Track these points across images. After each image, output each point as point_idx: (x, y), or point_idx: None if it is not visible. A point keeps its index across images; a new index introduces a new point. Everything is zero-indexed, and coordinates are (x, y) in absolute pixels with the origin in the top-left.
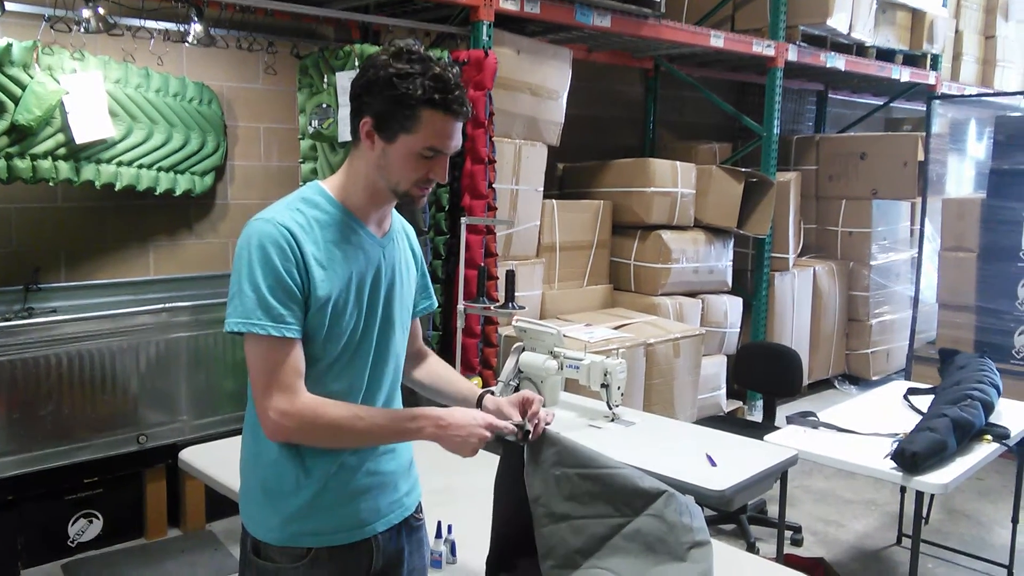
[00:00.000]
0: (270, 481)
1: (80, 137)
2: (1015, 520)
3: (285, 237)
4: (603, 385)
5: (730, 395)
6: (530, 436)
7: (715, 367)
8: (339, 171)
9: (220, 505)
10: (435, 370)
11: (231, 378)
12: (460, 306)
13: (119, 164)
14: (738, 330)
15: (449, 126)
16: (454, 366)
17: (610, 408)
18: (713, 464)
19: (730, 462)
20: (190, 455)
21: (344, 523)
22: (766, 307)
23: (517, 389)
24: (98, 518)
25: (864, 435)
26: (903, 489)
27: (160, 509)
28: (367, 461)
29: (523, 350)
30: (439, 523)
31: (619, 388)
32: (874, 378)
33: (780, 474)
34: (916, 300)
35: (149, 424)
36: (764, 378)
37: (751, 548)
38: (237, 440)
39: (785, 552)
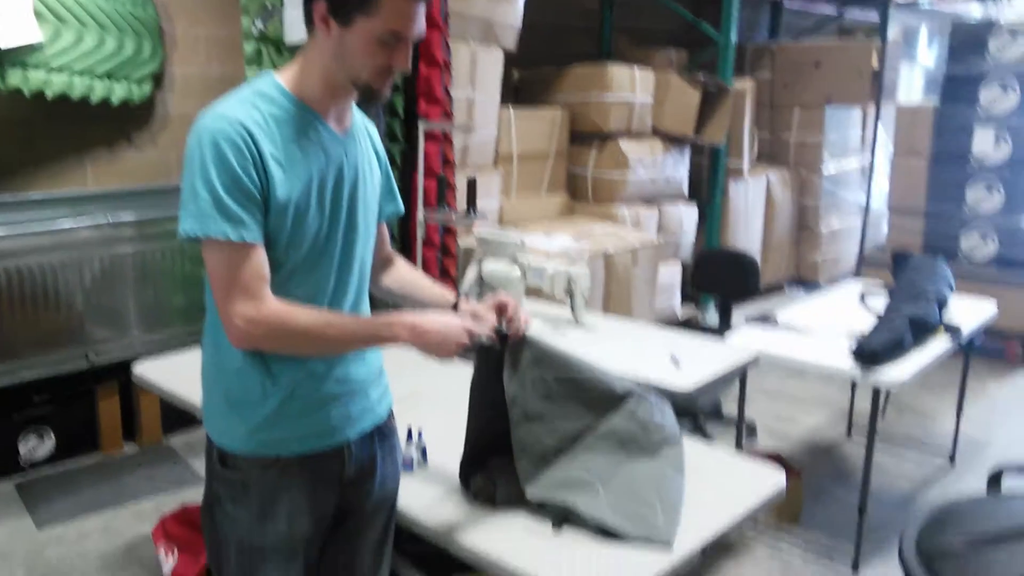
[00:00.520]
0: (235, 390)
1: (3, 42)
2: (959, 411)
3: (241, 135)
4: (567, 292)
5: (684, 301)
6: (508, 340)
7: (671, 275)
8: (293, 62)
9: (177, 419)
10: (405, 276)
11: (181, 293)
12: (420, 215)
13: (49, 70)
14: (693, 238)
15: (411, 7)
16: None
17: (574, 315)
18: (677, 365)
19: (694, 363)
20: (144, 369)
21: (313, 430)
22: (720, 215)
23: (479, 300)
24: (50, 435)
25: (822, 334)
26: (853, 386)
27: (114, 425)
28: (335, 368)
29: (484, 259)
30: (409, 428)
31: (583, 295)
32: (823, 283)
33: (741, 373)
34: (868, 205)
35: (98, 341)
36: (722, 282)
37: (704, 434)
38: (192, 354)
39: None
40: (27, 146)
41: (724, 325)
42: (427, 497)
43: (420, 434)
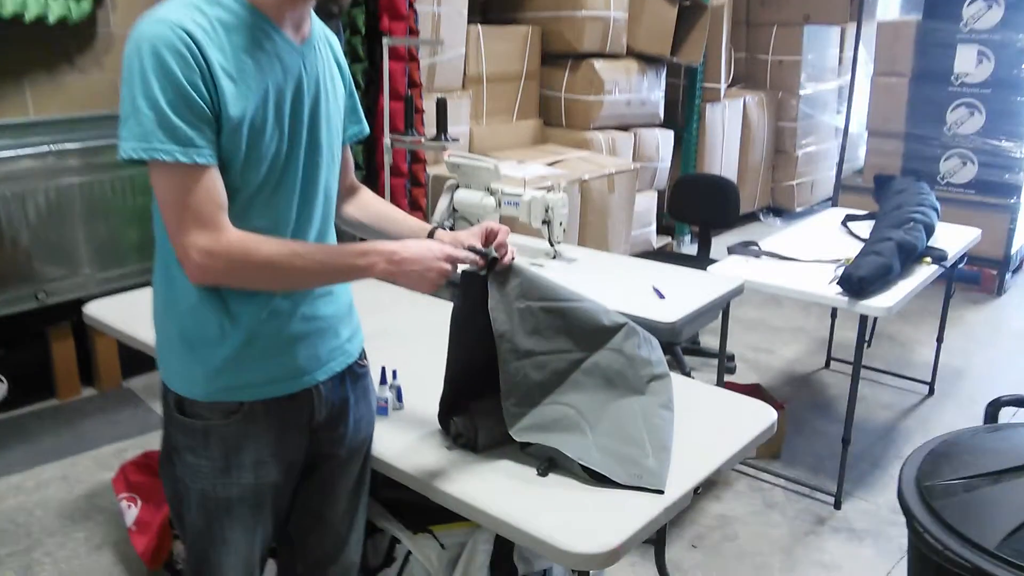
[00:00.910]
0: (190, 330)
1: None
2: (939, 339)
3: (185, 42)
4: (544, 222)
5: (659, 231)
6: (496, 265)
7: (647, 202)
8: None
9: (136, 361)
10: (373, 206)
11: (136, 227)
12: (387, 140)
13: None
14: (669, 164)
15: None
16: None
17: (552, 245)
18: (661, 296)
19: (677, 294)
20: (96, 309)
21: (279, 373)
22: (696, 140)
23: (452, 231)
24: (2, 381)
25: (806, 262)
26: (833, 315)
27: (70, 368)
28: (301, 305)
29: (456, 187)
30: (383, 368)
31: (561, 224)
32: (798, 209)
33: (725, 304)
34: (847, 127)
35: (47, 279)
36: (701, 210)
37: (682, 368)
38: (148, 291)
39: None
40: None
41: (703, 255)
42: (404, 441)
43: (395, 374)
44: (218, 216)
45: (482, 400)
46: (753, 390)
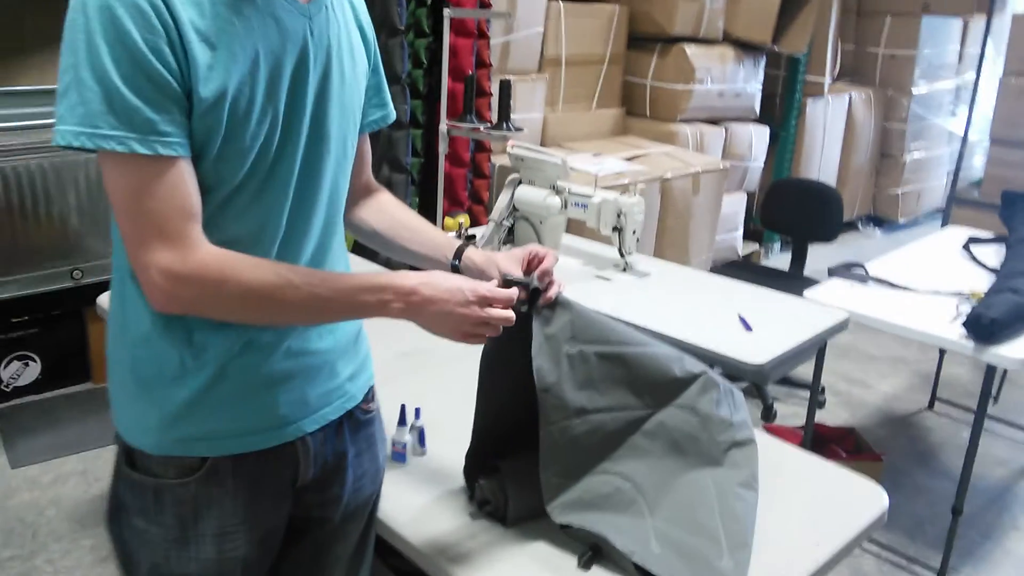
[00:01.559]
0: (143, 363)
1: None
2: None
3: None
4: (615, 229)
5: (745, 236)
6: (540, 300)
7: (734, 205)
8: None
9: None
10: (391, 212)
11: None
12: (443, 126)
13: None
14: (762, 164)
15: None
16: (435, 201)
17: (622, 256)
18: (748, 328)
19: (767, 325)
20: (106, 299)
21: (254, 422)
22: (794, 138)
23: (511, 231)
24: (35, 360)
25: (923, 293)
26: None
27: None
28: (288, 337)
29: (519, 183)
30: (403, 407)
31: (634, 232)
32: (901, 221)
33: (824, 342)
34: (966, 131)
35: (86, 257)
36: (797, 219)
37: (767, 411)
38: None
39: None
40: (12, 34)
41: (796, 271)
42: (419, 501)
43: (417, 413)
44: (188, 227)
45: (516, 459)
46: (844, 435)
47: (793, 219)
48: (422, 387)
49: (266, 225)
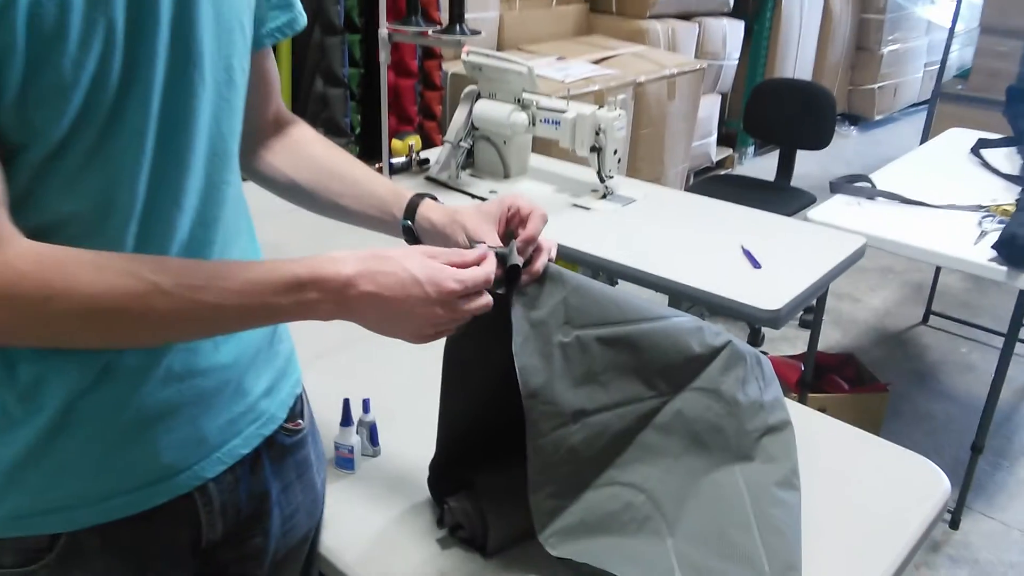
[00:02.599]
0: None
1: None
2: None
3: None
4: (594, 148)
5: (718, 141)
6: (521, 278)
7: (708, 108)
8: None
9: None
10: (313, 155)
11: None
12: (383, 31)
13: None
14: (736, 62)
15: None
16: (380, 120)
17: (602, 180)
18: (755, 264)
19: (776, 258)
20: None
21: (125, 479)
22: (770, 33)
23: (471, 154)
24: None
25: (939, 207)
26: None
27: None
28: (167, 355)
29: (478, 96)
30: (346, 402)
31: (616, 152)
32: (877, 117)
33: (839, 273)
34: (955, 19)
35: None
36: (785, 124)
37: (755, 334)
38: None
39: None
40: None
41: (783, 180)
42: (374, 524)
43: (366, 405)
44: None
45: (494, 471)
46: (845, 362)
47: (781, 124)
48: (369, 371)
49: (113, 198)
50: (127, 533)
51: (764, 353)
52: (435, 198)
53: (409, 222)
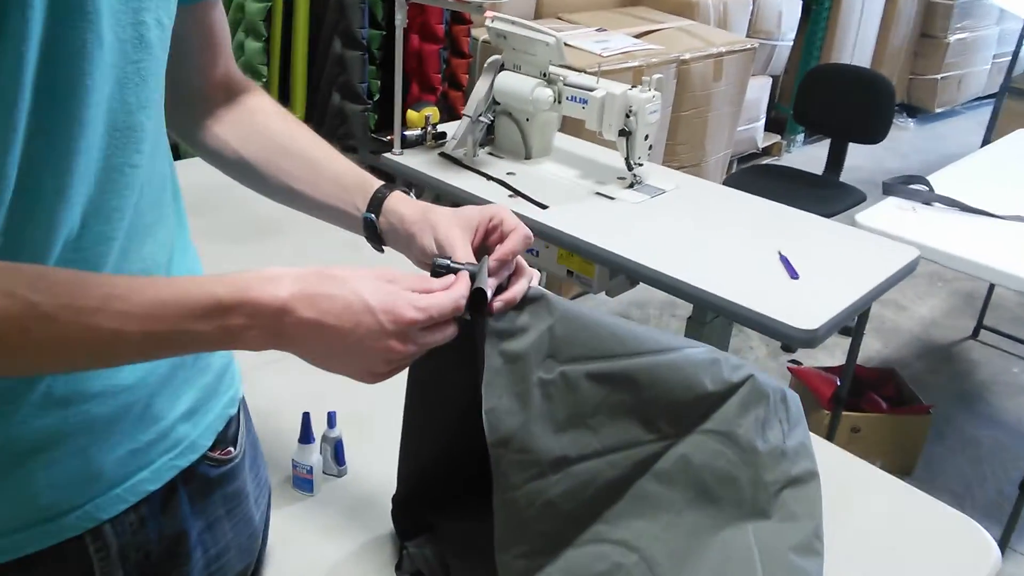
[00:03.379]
0: None
1: None
2: None
3: None
4: (622, 132)
5: (766, 126)
6: (487, 304)
7: (757, 91)
8: None
9: None
10: (266, 128)
11: None
12: None
13: None
14: (791, 43)
15: None
16: (406, 84)
17: (630, 167)
18: (793, 274)
19: (816, 267)
20: None
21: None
22: (829, 13)
23: (491, 130)
24: None
25: (1003, 218)
26: None
27: None
28: (46, 376)
29: (501, 67)
30: (306, 416)
31: (647, 137)
32: (938, 110)
33: (887, 289)
34: None
35: None
36: (838, 114)
37: (787, 349)
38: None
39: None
40: None
41: (832, 174)
42: (324, 561)
43: (331, 418)
44: None
45: (460, 515)
46: (885, 378)
47: (834, 113)
48: (337, 378)
49: None
50: None
51: (796, 363)
52: (407, 190)
53: (372, 216)
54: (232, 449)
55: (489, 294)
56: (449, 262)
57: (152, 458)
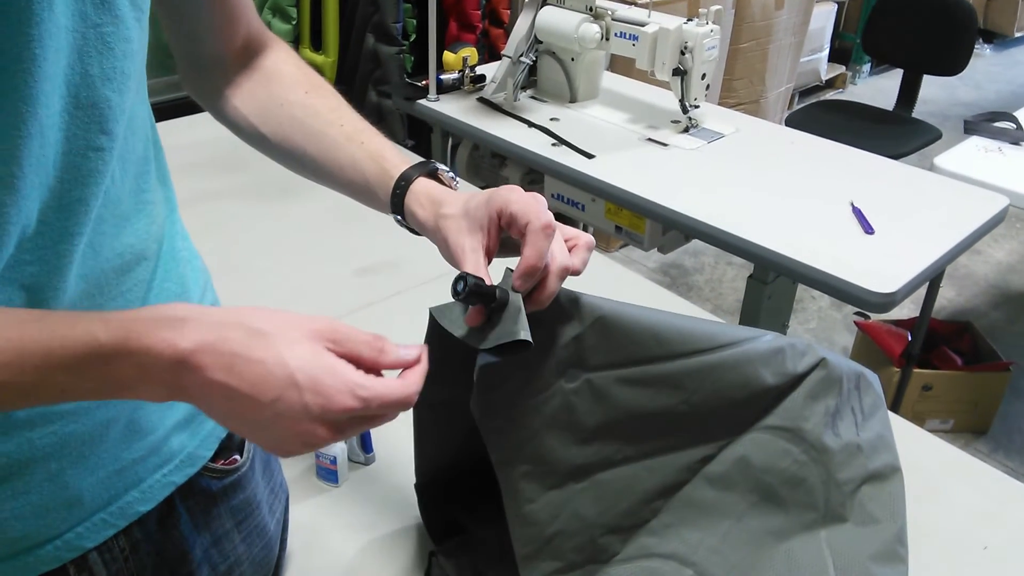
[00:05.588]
0: None
1: None
2: None
3: None
4: (677, 71)
5: (830, 56)
6: (503, 306)
7: (821, 20)
8: None
9: None
10: (286, 100)
11: None
12: None
13: None
14: None
15: None
16: (443, 22)
17: (685, 110)
18: (867, 228)
19: (892, 219)
20: None
21: None
22: None
23: (532, 71)
24: None
25: None
26: None
27: None
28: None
29: (544, 2)
30: None
31: (704, 77)
32: (1017, 34)
33: (971, 243)
34: None
35: None
36: (912, 44)
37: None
38: None
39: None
40: None
41: (904, 109)
42: (347, 560)
43: None
44: None
45: (490, 520)
46: (960, 331)
47: (906, 42)
48: None
49: None
50: None
51: (863, 316)
52: (435, 170)
53: (399, 216)
54: (238, 457)
55: (529, 336)
56: (477, 283)
57: (141, 476)
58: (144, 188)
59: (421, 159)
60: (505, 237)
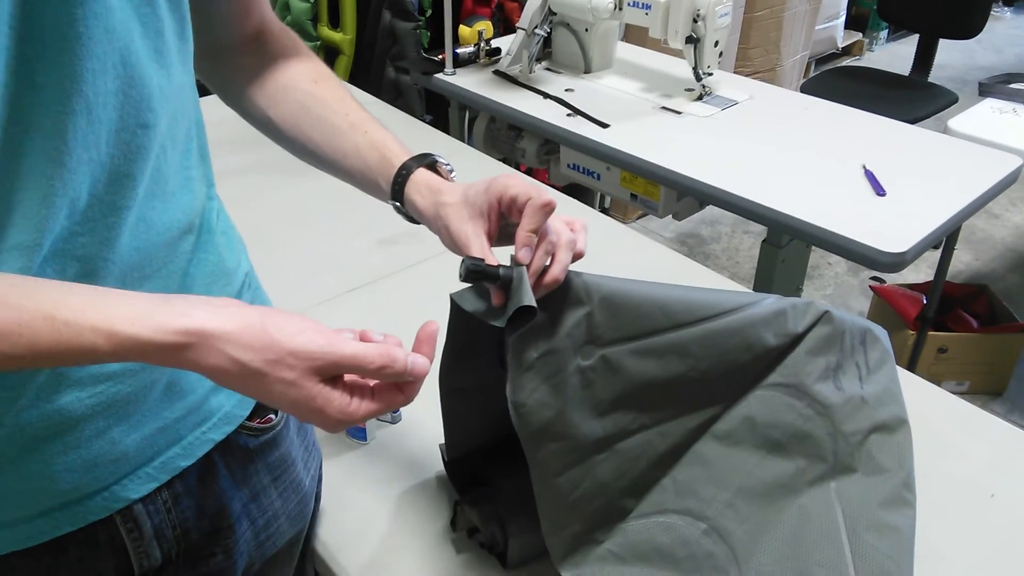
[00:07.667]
0: None
1: None
2: None
3: None
4: (690, 39)
5: (846, 23)
6: (509, 287)
7: None
8: None
9: None
10: (295, 87)
11: None
12: None
13: None
14: None
15: None
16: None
17: (698, 78)
18: (879, 190)
19: (904, 181)
20: None
21: (16, 508)
22: None
23: (547, 42)
24: None
25: None
26: None
27: None
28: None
29: None
30: None
31: (717, 44)
32: None
33: (983, 204)
34: None
35: None
36: (929, 7)
37: None
38: None
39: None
40: None
41: (920, 73)
42: (380, 512)
43: None
44: None
45: (518, 471)
46: (976, 294)
47: (923, 8)
48: (393, 314)
49: None
50: (28, 566)
51: (879, 280)
52: (434, 162)
53: (398, 204)
54: (273, 416)
55: (533, 302)
56: (482, 267)
57: (182, 433)
58: (188, 164)
59: (421, 152)
60: (505, 225)
